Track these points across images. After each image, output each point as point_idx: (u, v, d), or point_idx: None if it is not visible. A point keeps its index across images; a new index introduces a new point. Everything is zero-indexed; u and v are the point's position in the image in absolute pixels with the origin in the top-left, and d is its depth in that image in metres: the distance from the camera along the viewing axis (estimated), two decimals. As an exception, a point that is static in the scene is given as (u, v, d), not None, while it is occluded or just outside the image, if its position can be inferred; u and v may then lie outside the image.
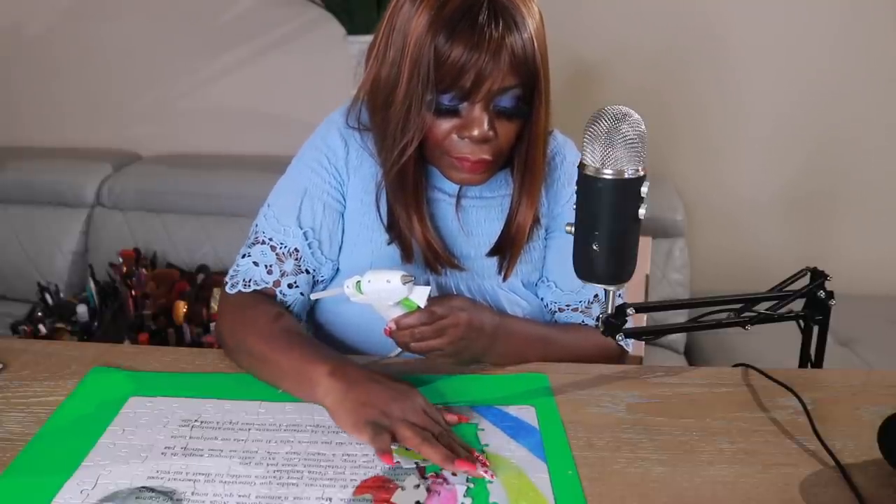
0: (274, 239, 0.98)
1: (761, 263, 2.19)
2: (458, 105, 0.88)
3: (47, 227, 2.21)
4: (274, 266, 0.97)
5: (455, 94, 0.87)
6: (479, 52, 0.83)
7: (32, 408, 0.85)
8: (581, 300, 1.04)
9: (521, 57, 0.85)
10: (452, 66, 0.84)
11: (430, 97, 0.87)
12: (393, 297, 0.85)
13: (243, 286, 0.97)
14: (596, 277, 0.77)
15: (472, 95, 0.86)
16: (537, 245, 1.04)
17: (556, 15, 2.07)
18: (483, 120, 0.87)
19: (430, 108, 0.88)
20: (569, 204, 1.03)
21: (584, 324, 1.05)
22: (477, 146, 0.89)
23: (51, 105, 2.40)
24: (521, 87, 0.88)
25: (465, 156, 0.90)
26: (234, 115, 2.29)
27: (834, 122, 2.11)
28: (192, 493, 0.71)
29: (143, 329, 1.90)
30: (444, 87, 0.86)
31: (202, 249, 2.12)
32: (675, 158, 2.16)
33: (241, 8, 2.20)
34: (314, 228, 0.98)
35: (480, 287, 1.02)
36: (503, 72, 0.85)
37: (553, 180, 1.04)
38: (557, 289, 1.05)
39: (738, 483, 0.74)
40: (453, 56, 0.83)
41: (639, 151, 0.72)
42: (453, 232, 1.01)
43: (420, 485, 0.71)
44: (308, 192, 0.99)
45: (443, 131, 0.89)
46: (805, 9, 2.02)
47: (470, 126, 0.87)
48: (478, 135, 0.87)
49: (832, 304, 0.93)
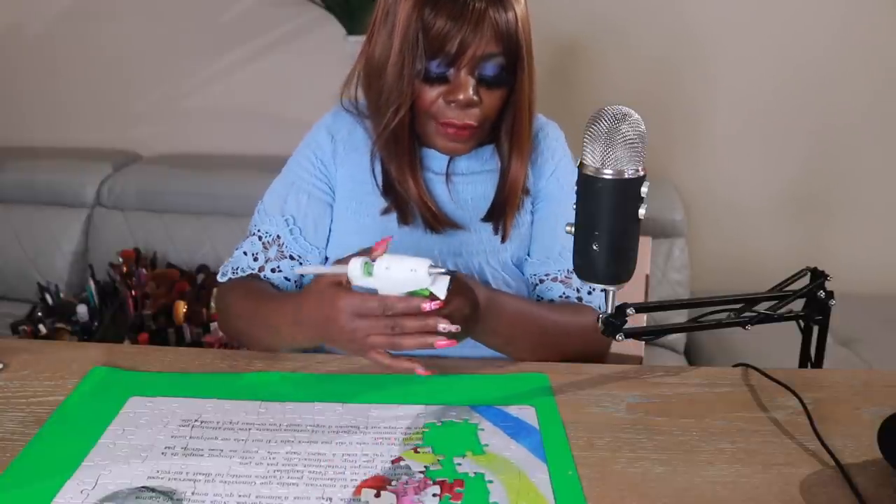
0: (260, 229, 1.05)
1: (761, 263, 2.19)
2: (445, 72, 0.94)
3: (47, 227, 2.21)
4: (259, 254, 1.04)
5: (441, 61, 0.93)
6: (462, 21, 0.90)
7: (32, 408, 0.85)
8: (560, 269, 1.06)
9: (502, 27, 0.92)
10: (438, 34, 0.91)
11: (419, 66, 0.93)
12: (410, 285, 0.80)
13: (232, 274, 1.04)
14: (596, 277, 0.77)
15: (457, 61, 0.93)
16: (525, 219, 1.07)
17: (557, 15, 2.07)
18: (468, 84, 0.93)
19: (420, 76, 0.94)
20: (553, 177, 1.08)
21: (565, 298, 1.05)
22: (462, 111, 0.95)
23: (51, 105, 2.40)
24: (503, 56, 0.94)
25: (450, 120, 0.96)
26: (234, 115, 2.30)
27: (834, 122, 2.11)
28: (192, 493, 0.71)
29: (143, 329, 1.90)
30: (431, 54, 0.93)
31: (202, 249, 2.12)
32: (675, 158, 2.16)
33: (241, 8, 2.20)
34: (296, 216, 1.04)
35: (468, 264, 1.05)
36: (486, 38, 0.91)
37: (537, 155, 1.09)
38: (535, 259, 1.07)
39: (738, 483, 0.74)
40: (438, 25, 0.91)
41: (639, 151, 0.72)
42: (445, 207, 1.05)
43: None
44: (295, 185, 1.06)
45: (431, 97, 0.96)
46: (805, 9, 2.02)
47: (456, 90, 0.94)
48: (463, 98, 0.93)
49: (832, 304, 0.93)
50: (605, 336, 1.03)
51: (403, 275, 0.79)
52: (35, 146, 2.41)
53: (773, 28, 2.05)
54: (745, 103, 2.13)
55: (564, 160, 1.10)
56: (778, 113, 2.12)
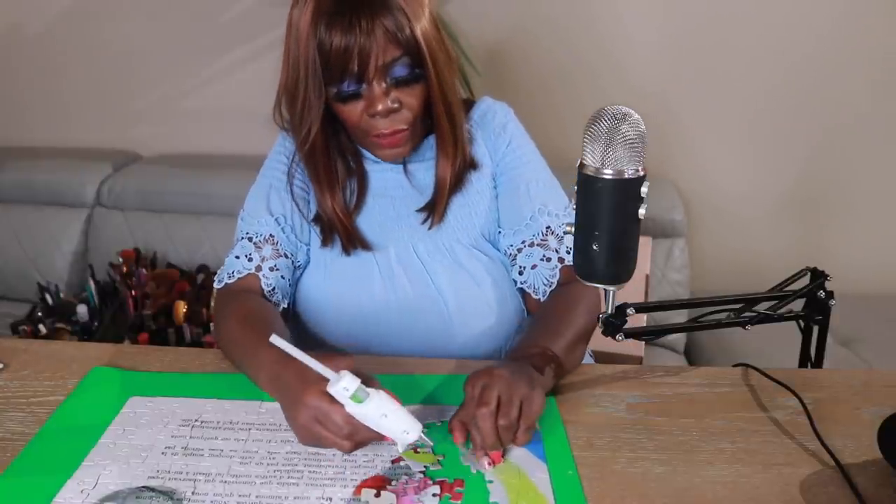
0: (249, 231, 1.05)
1: (761, 263, 2.19)
2: (358, 89, 0.95)
3: (47, 227, 2.21)
4: (253, 254, 1.03)
5: (350, 80, 0.94)
6: (354, 34, 0.91)
7: (32, 408, 0.85)
8: (534, 233, 1.05)
9: (394, 30, 0.92)
10: (336, 53, 0.92)
11: (332, 90, 0.95)
12: (391, 434, 0.73)
13: (228, 278, 1.03)
14: (596, 277, 0.77)
15: (363, 75, 0.93)
16: (485, 195, 1.08)
17: (557, 15, 2.07)
18: (381, 95, 0.95)
19: (337, 98, 0.96)
20: (509, 149, 1.09)
21: (546, 260, 1.04)
22: (387, 120, 0.97)
23: (51, 105, 2.40)
24: (407, 55, 0.94)
25: (380, 131, 0.98)
26: (234, 115, 2.29)
27: (834, 122, 2.11)
28: (192, 492, 0.71)
29: (143, 329, 1.90)
30: (339, 76, 0.94)
31: (202, 249, 2.12)
32: (675, 158, 2.16)
33: (241, 8, 2.20)
34: (284, 215, 1.05)
35: (438, 244, 1.06)
36: (381, 45, 0.92)
37: (489, 133, 1.10)
38: (508, 230, 1.07)
39: (738, 483, 0.74)
40: (334, 44, 0.92)
41: (639, 151, 0.72)
42: (408, 195, 1.07)
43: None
44: (273, 186, 1.07)
45: (355, 116, 0.97)
46: (805, 8, 2.02)
47: (373, 103, 0.95)
48: (381, 109, 0.95)
49: (832, 304, 0.93)
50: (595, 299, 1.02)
51: (393, 427, 0.73)
52: (35, 146, 2.41)
53: (774, 28, 2.05)
54: (745, 103, 2.12)
55: (517, 132, 1.11)
56: (778, 113, 2.12)
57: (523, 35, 2.09)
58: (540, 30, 2.08)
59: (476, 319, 1.04)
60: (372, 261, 1.05)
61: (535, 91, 2.13)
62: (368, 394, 0.72)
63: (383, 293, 1.04)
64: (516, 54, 2.11)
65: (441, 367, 0.95)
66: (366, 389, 0.72)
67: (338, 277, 1.05)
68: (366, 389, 0.72)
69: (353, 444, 0.73)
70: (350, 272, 1.05)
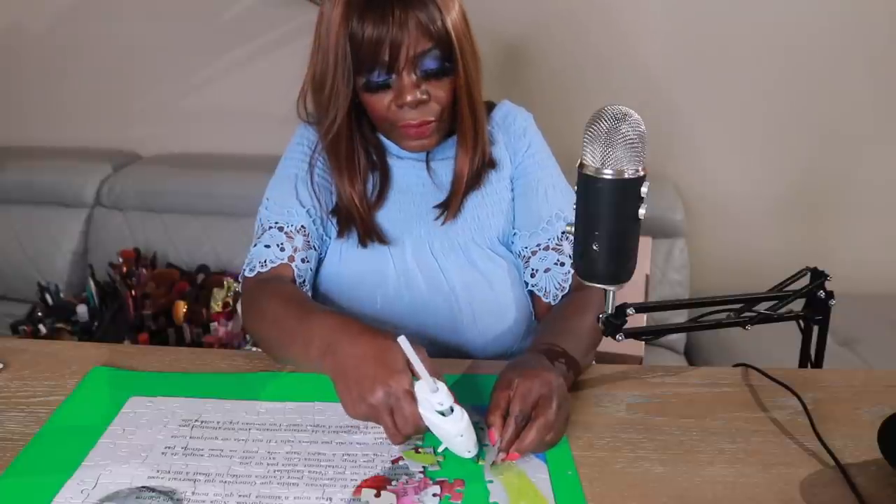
0: (280, 221, 1.03)
1: (761, 263, 2.19)
2: (387, 79, 0.96)
3: (47, 227, 2.21)
4: (285, 243, 1.02)
5: (380, 70, 0.95)
6: (387, 25, 0.92)
7: (32, 408, 0.85)
8: (549, 237, 1.06)
9: (426, 22, 0.93)
10: (368, 44, 0.93)
11: (362, 79, 0.96)
12: (448, 441, 0.76)
13: (260, 266, 1.01)
14: (596, 277, 0.77)
15: (394, 66, 0.95)
16: (504, 196, 1.09)
17: (558, 14, 2.07)
18: (411, 85, 0.96)
19: (366, 89, 0.97)
20: (528, 153, 1.10)
21: (560, 264, 1.04)
22: (416, 111, 0.97)
23: (51, 105, 2.40)
24: (438, 48, 0.95)
25: (408, 122, 0.98)
26: (234, 115, 2.29)
27: (834, 121, 2.11)
28: (192, 493, 0.71)
29: (143, 329, 1.90)
30: (369, 66, 0.95)
31: (202, 249, 2.12)
32: (675, 158, 2.16)
33: (241, 8, 2.20)
34: (314, 207, 1.05)
35: (453, 242, 1.06)
36: (414, 37, 0.93)
37: (510, 136, 1.11)
38: (524, 233, 1.08)
39: (738, 483, 0.74)
40: (366, 35, 0.93)
41: (639, 151, 0.72)
42: (429, 192, 1.07)
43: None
44: (298, 177, 1.06)
45: (383, 106, 0.98)
46: (805, 8, 2.02)
47: (402, 94, 0.96)
48: (411, 100, 0.96)
49: (832, 304, 0.93)
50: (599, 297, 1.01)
51: (459, 447, 0.75)
52: (35, 146, 2.41)
53: (775, 29, 2.05)
54: (745, 104, 2.12)
55: (536, 137, 1.12)
56: (778, 113, 2.12)
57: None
58: (540, 28, 2.08)
59: (487, 319, 1.05)
60: (387, 254, 1.05)
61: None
62: (453, 411, 0.74)
63: (396, 287, 1.04)
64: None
65: (455, 367, 0.95)
66: (455, 405, 0.74)
67: (353, 269, 1.05)
68: (455, 405, 0.74)
69: (405, 440, 0.76)
70: (365, 264, 1.05)
